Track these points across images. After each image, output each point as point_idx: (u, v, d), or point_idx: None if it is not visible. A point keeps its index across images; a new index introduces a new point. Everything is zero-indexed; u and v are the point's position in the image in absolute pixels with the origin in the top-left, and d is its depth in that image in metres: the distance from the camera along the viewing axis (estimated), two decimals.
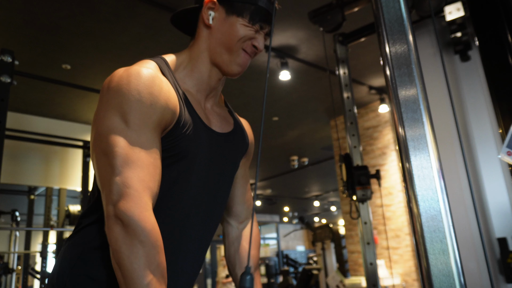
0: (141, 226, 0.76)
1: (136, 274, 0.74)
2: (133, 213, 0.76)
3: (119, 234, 0.76)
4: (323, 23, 2.70)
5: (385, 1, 0.79)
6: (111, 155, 0.80)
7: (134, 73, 0.85)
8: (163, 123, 0.86)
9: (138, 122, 0.82)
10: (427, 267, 0.66)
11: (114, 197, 0.78)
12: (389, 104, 0.77)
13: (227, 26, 0.96)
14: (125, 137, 0.81)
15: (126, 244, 0.75)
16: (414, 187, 0.69)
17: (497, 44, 1.49)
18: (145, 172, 0.81)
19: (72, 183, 4.93)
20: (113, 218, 0.77)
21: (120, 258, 0.75)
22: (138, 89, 0.83)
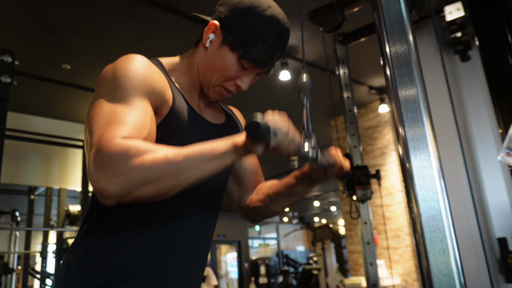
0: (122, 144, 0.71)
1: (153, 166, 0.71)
2: (109, 151, 0.71)
3: (110, 175, 0.70)
4: (323, 23, 2.70)
5: (385, 1, 0.79)
6: (94, 125, 0.77)
7: (122, 58, 0.88)
8: (152, 99, 0.85)
9: (125, 93, 0.81)
10: (427, 267, 0.66)
11: (91, 157, 0.73)
12: (389, 104, 0.77)
13: (218, 56, 0.95)
14: (110, 107, 0.79)
15: (128, 169, 0.70)
16: (414, 187, 0.69)
17: (497, 44, 1.49)
18: (128, 126, 0.76)
19: (72, 183, 4.93)
20: (96, 173, 0.71)
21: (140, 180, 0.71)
22: (125, 66, 0.85)
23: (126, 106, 0.79)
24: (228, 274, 14.55)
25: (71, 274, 0.86)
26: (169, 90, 0.91)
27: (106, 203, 0.73)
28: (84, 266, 0.86)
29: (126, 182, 0.70)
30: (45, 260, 5.64)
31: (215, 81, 0.97)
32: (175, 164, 0.73)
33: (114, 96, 0.81)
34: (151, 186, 0.72)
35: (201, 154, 0.76)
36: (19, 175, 4.60)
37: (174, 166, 0.73)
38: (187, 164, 0.74)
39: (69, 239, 4.87)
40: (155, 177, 0.72)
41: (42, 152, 4.72)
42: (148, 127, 0.80)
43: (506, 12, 1.47)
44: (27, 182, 4.90)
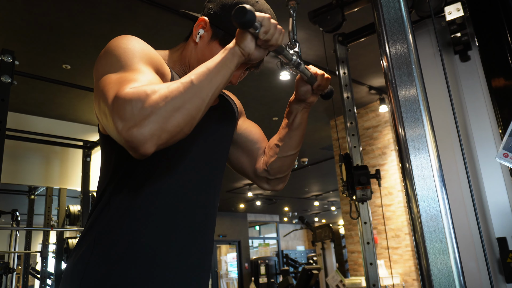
0: (138, 92, 0.72)
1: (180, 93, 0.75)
2: (126, 97, 0.71)
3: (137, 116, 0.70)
4: (323, 23, 2.70)
5: (385, 1, 0.79)
6: (105, 92, 0.76)
7: (124, 35, 0.90)
8: (155, 69, 0.87)
9: (130, 61, 0.82)
10: (427, 267, 0.66)
11: (109, 109, 0.72)
12: (389, 104, 0.77)
13: (208, 50, 0.98)
14: (119, 74, 0.79)
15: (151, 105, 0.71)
16: (414, 187, 0.70)
17: (497, 44, 1.49)
18: (139, 82, 0.76)
19: (73, 183, 4.93)
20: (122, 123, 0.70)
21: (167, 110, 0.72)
22: (127, 39, 0.88)
23: (135, 70, 0.80)
24: (228, 274, 14.55)
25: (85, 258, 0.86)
26: (166, 66, 0.94)
27: (146, 152, 0.72)
28: (96, 248, 0.86)
29: (157, 117, 0.71)
30: (45, 260, 5.63)
31: None
32: (190, 86, 0.77)
33: (121, 65, 0.81)
34: (180, 113, 0.74)
35: (208, 69, 0.81)
36: (19, 175, 4.60)
37: (191, 88, 0.77)
38: (201, 82, 0.78)
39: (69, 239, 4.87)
40: (180, 103, 0.74)
41: (42, 152, 4.72)
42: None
43: (506, 12, 1.47)
44: (27, 182, 4.90)
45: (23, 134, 4.18)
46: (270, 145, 1.17)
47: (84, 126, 5.40)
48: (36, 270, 6.32)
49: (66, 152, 4.83)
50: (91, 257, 0.86)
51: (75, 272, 0.86)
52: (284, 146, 1.14)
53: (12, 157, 4.44)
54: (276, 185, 1.20)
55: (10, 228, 4.90)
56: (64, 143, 4.56)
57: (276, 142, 1.15)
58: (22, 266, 6.76)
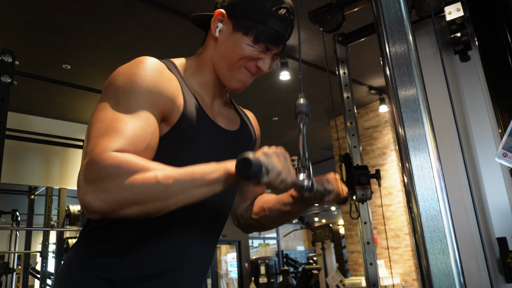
0: (111, 166, 0.70)
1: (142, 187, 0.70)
2: (99, 165, 0.70)
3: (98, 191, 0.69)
4: (323, 23, 2.70)
5: (385, 1, 0.79)
6: (92, 131, 0.76)
7: (134, 61, 0.86)
8: (160, 107, 0.84)
9: (131, 101, 0.79)
10: (427, 267, 0.66)
11: (82, 168, 0.72)
12: (389, 104, 0.77)
13: (232, 42, 0.94)
14: (112, 113, 0.78)
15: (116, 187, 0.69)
16: (414, 187, 0.70)
17: (497, 44, 1.49)
18: (124, 137, 0.74)
19: (73, 183, 4.93)
20: (82, 188, 0.70)
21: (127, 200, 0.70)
22: (135, 72, 0.83)
23: (129, 114, 0.78)
24: (228, 274, 14.54)
25: (79, 263, 0.86)
26: (180, 95, 0.88)
27: (90, 217, 0.72)
28: (92, 256, 0.86)
29: (113, 201, 0.70)
30: (45, 260, 5.63)
31: (237, 65, 0.95)
32: (164, 187, 0.71)
33: (119, 102, 0.79)
34: (138, 207, 0.71)
35: (192, 179, 0.73)
36: (19, 175, 4.60)
37: (163, 189, 0.71)
38: (176, 188, 0.72)
39: (69, 239, 4.87)
40: (142, 199, 0.71)
41: (42, 152, 4.72)
42: (148, 140, 0.78)
43: (506, 12, 1.47)
44: (27, 182, 4.90)
45: (23, 134, 4.18)
46: (259, 202, 1.11)
47: (84, 126, 5.40)
48: (36, 270, 6.32)
49: (66, 152, 4.83)
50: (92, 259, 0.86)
51: (74, 264, 0.87)
52: (269, 217, 1.08)
53: (12, 157, 4.44)
54: (245, 231, 1.17)
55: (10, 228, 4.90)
56: (64, 143, 4.56)
57: (265, 207, 1.08)
58: (22, 266, 6.76)
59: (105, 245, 0.87)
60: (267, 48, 0.95)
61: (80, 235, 0.93)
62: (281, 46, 0.97)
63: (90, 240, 0.89)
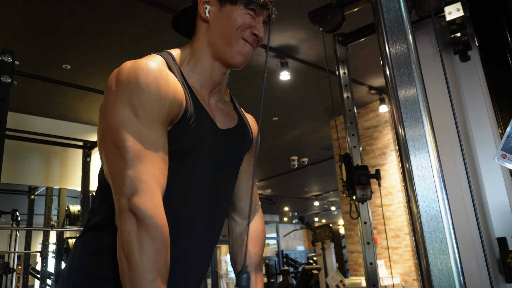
0: (154, 221, 0.77)
1: (143, 268, 0.75)
2: (147, 209, 0.77)
3: (132, 227, 0.77)
4: (323, 23, 2.70)
5: (385, 1, 0.79)
6: (123, 149, 0.80)
7: (142, 67, 0.85)
8: (170, 117, 0.86)
9: (148, 116, 0.82)
10: (427, 267, 0.66)
11: (128, 190, 0.78)
12: (389, 104, 0.77)
13: (223, 17, 0.96)
14: (136, 131, 0.81)
15: (139, 238, 0.76)
16: (414, 187, 0.69)
17: (497, 44, 1.49)
18: (156, 167, 0.81)
19: (73, 183, 4.93)
20: (126, 211, 0.78)
21: (130, 251, 0.76)
22: (147, 82, 0.83)
23: (150, 135, 0.82)
24: (228, 274, 14.54)
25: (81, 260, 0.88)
26: (182, 94, 0.90)
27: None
28: (93, 254, 0.88)
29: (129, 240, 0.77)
30: (45, 260, 5.64)
31: (235, 37, 0.96)
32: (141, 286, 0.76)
33: (138, 116, 0.82)
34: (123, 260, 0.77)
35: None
36: (19, 175, 4.60)
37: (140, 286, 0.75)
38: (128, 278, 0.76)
39: (69, 239, 4.87)
40: (131, 265, 0.76)
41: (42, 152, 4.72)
42: (167, 161, 0.85)
43: (506, 12, 1.47)
44: (27, 182, 4.90)
45: (23, 134, 4.18)
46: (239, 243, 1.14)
47: (84, 126, 5.40)
48: (36, 270, 6.32)
49: (66, 152, 4.83)
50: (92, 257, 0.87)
51: (75, 261, 0.88)
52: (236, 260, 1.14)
53: (12, 157, 4.44)
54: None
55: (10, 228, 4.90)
56: (64, 143, 4.56)
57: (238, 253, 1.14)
58: (22, 266, 6.76)
59: (104, 243, 0.88)
60: (257, 13, 0.97)
61: (81, 232, 0.94)
62: (267, 10, 0.99)
63: (90, 238, 0.90)
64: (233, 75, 5.26)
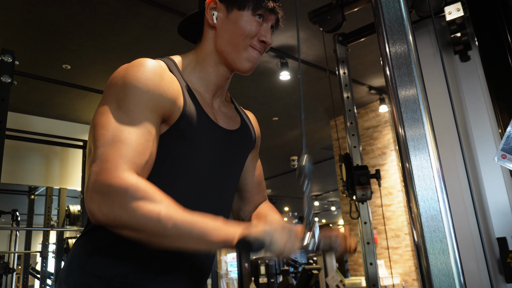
0: (123, 183, 0.73)
1: (144, 218, 0.72)
2: (110, 180, 0.73)
3: (101, 205, 0.73)
4: (323, 23, 2.70)
5: (385, 1, 0.79)
6: (97, 138, 0.79)
7: (134, 63, 0.86)
8: (161, 111, 0.85)
9: (132, 107, 0.81)
10: (427, 267, 0.66)
11: (90, 179, 0.75)
12: (389, 104, 0.77)
13: (231, 24, 0.95)
14: (115, 119, 0.80)
15: (116, 207, 0.72)
16: (414, 187, 0.69)
17: (497, 44, 1.49)
18: (131, 149, 0.78)
19: (72, 183, 4.93)
20: (89, 198, 0.74)
21: (120, 222, 0.73)
22: (136, 75, 0.84)
23: (131, 122, 0.80)
24: (228, 274, 14.54)
25: (80, 260, 0.87)
26: (181, 96, 0.90)
27: (95, 223, 0.76)
28: (95, 252, 0.87)
29: (113, 218, 0.73)
30: (45, 260, 5.63)
31: (243, 46, 0.96)
32: (162, 227, 0.72)
33: (122, 107, 0.81)
34: (133, 233, 0.74)
35: (191, 230, 0.73)
36: (19, 175, 4.60)
37: (161, 229, 0.72)
38: (173, 233, 0.73)
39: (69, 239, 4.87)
40: (139, 228, 0.73)
41: (42, 152, 4.72)
42: (150, 149, 0.81)
43: (506, 12, 1.47)
44: (27, 182, 4.90)
45: (23, 134, 4.18)
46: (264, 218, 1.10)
47: (84, 126, 5.41)
48: (36, 270, 6.31)
49: (66, 152, 4.83)
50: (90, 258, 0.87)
51: (74, 261, 0.88)
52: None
53: (12, 157, 4.44)
54: None
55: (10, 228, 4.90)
56: (64, 143, 4.56)
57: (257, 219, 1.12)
58: (22, 266, 6.76)
59: (102, 243, 0.87)
60: (265, 18, 0.97)
61: (81, 233, 0.94)
62: (275, 15, 0.99)
63: (89, 239, 0.90)
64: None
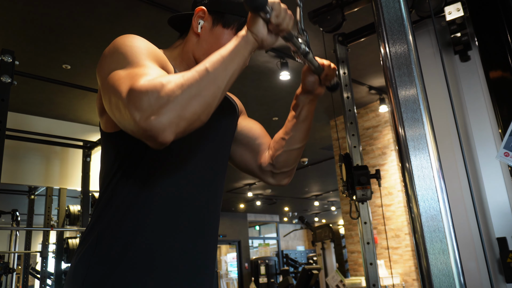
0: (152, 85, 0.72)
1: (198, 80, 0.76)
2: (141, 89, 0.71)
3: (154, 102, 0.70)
4: (323, 23, 2.70)
5: (385, 1, 0.79)
6: (117, 87, 0.76)
7: (121, 36, 0.91)
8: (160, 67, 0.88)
9: (139, 50, 0.84)
10: (427, 267, 0.66)
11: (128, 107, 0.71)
12: (389, 104, 0.77)
13: (213, 38, 0.99)
14: (128, 69, 0.79)
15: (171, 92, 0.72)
16: (414, 187, 0.70)
17: (497, 44, 1.49)
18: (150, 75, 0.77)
19: (72, 183, 4.93)
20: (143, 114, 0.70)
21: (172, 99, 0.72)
22: (134, 37, 0.89)
23: (143, 66, 0.80)
24: (228, 274, 14.55)
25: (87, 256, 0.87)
26: (169, 64, 0.95)
27: (165, 141, 0.72)
28: (100, 244, 0.86)
29: (174, 105, 0.71)
30: (45, 260, 5.63)
31: None
32: (206, 74, 0.77)
33: (128, 62, 0.81)
34: (197, 100, 0.75)
35: (221, 56, 0.81)
36: (19, 175, 4.60)
37: (206, 75, 0.77)
38: (215, 70, 0.79)
39: (69, 239, 4.87)
40: (196, 90, 0.75)
41: (42, 152, 4.72)
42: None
43: (506, 12, 1.47)
44: (27, 182, 4.90)
45: (23, 134, 4.18)
46: (276, 139, 1.18)
47: (84, 126, 5.40)
48: (36, 270, 6.31)
49: (66, 152, 4.83)
50: (92, 258, 0.86)
51: (77, 273, 0.87)
52: (291, 139, 1.15)
53: (12, 157, 4.44)
54: (282, 180, 1.20)
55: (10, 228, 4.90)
56: (64, 143, 4.56)
57: (283, 136, 1.16)
58: (22, 266, 6.76)
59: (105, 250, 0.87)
60: None
61: (81, 238, 0.93)
62: None
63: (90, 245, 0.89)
64: None
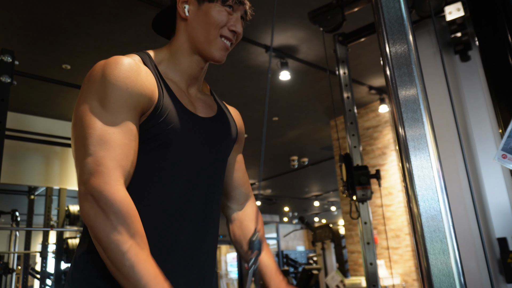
0: (111, 198, 0.78)
1: (114, 244, 0.76)
2: (103, 188, 0.78)
3: (90, 209, 0.78)
4: (323, 23, 2.70)
5: (385, 1, 0.79)
6: (85, 137, 0.82)
7: (111, 61, 0.89)
8: (140, 108, 0.88)
9: (113, 105, 0.85)
10: (427, 267, 0.66)
11: (85, 176, 0.80)
12: (389, 104, 0.77)
13: (202, 15, 0.99)
14: (100, 119, 0.84)
15: (100, 217, 0.77)
16: (414, 187, 0.69)
17: (497, 44, 1.49)
18: (118, 151, 0.82)
19: (72, 183, 4.93)
20: (83, 196, 0.79)
21: (97, 232, 0.77)
22: (115, 74, 0.87)
23: (114, 122, 0.84)
24: (228, 274, 14.54)
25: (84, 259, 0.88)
26: (156, 88, 0.93)
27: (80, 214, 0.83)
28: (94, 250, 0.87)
29: (93, 225, 0.77)
30: (45, 260, 5.63)
31: (213, 35, 0.99)
32: (121, 262, 0.76)
33: (104, 105, 0.85)
34: (99, 248, 0.78)
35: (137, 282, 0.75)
36: (19, 175, 4.60)
37: (119, 261, 0.76)
38: (125, 273, 0.75)
39: (69, 239, 4.87)
40: (106, 248, 0.77)
41: (42, 152, 4.72)
42: (133, 148, 0.86)
43: (506, 12, 1.47)
44: (27, 182, 4.90)
45: (23, 134, 4.18)
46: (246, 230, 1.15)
47: None
48: (36, 270, 6.31)
49: (66, 152, 4.83)
50: (92, 258, 0.86)
51: (77, 273, 0.87)
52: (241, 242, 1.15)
53: (12, 157, 4.44)
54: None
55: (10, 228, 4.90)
56: (64, 143, 4.56)
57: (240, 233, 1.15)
58: (22, 266, 6.75)
59: None
60: (234, 9, 1.00)
61: (81, 237, 0.94)
62: (243, 5, 1.03)
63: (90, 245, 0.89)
64: (233, 76, 5.26)
